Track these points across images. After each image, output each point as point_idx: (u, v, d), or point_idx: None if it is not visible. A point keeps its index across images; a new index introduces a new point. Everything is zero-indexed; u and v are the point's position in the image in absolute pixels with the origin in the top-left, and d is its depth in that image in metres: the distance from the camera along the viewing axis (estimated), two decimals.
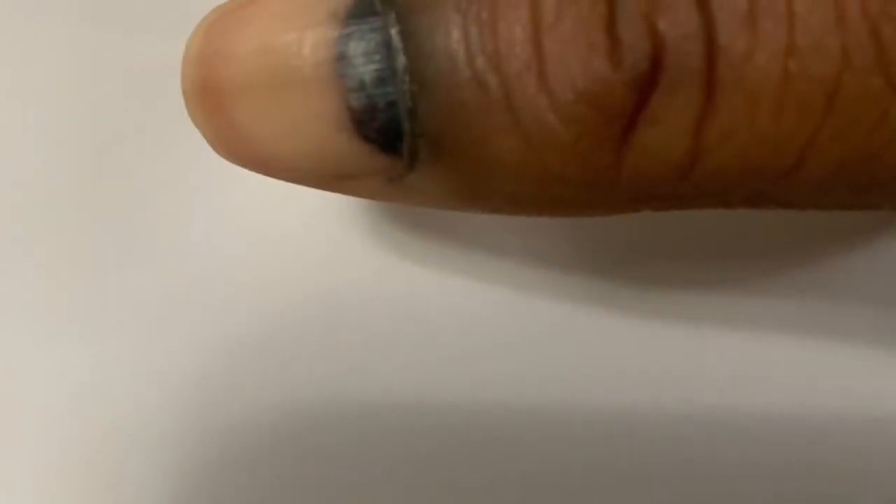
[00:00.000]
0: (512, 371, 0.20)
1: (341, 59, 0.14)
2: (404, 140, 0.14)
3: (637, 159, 0.14)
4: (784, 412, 0.20)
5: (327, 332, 0.21)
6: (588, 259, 0.21)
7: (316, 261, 0.21)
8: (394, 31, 0.14)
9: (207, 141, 0.16)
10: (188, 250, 0.21)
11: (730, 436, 0.20)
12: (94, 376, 0.21)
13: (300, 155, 0.15)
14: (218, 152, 0.16)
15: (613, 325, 0.20)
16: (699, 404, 0.20)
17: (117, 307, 0.21)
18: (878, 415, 0.20)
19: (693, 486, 0.20)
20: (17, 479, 0.20)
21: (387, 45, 0.14)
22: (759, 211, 0.15)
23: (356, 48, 0.14)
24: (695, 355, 0.20)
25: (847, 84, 0.13)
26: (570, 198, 0.15)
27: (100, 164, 0.21)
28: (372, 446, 0.20)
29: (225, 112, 0.15)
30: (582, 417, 0.20)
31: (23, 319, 0.21)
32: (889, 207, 0.15)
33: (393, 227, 0.21)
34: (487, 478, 0.20)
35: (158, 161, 0.21)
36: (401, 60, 0.14)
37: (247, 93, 0.15)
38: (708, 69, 0.13)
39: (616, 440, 0.20)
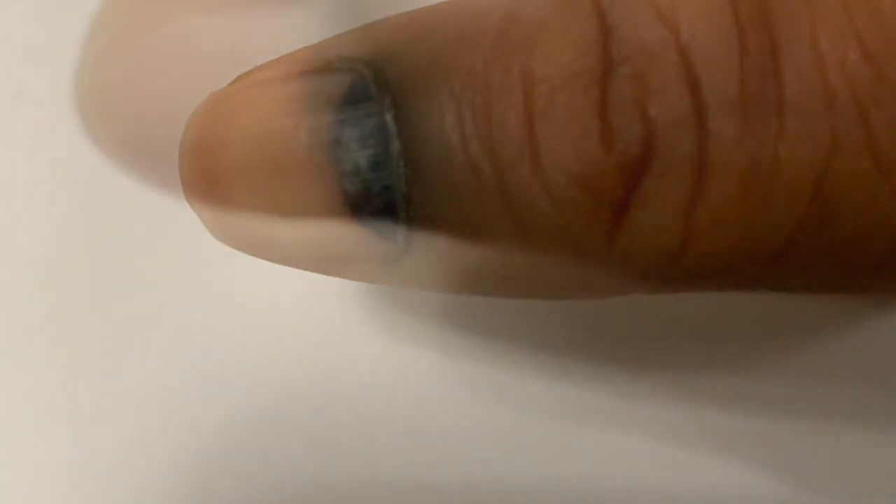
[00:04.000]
0: (507, 451, 0.20)
1: (337, 144, 0.14)
2: (399, 224, 0.14)
3: (628, 242, 0.14)
4: (777, 493, 0.20)
5: (325, 413, 0.20)
6: (580, 341, 0.20)
7: (313, 342, 0.21)
8: (389, 117, 0.14)
9: (205, 225, 0.16)
10: (186, 332, 0.21)
11: None
12: (93, 460, 0.20)
13: (296, 239, 0.15)
14: (215, 236, 0.16)
15: (606, 406, 0.20)
16: (691, 485, 0.20)
17: (116, 390, 0.21)
18: (872, 496, 0.20)
19: None
20: None
21: (382, 130, 0.14)
22: (750, 293, 0.15)
23: (351, 133, 0.14)
24: (687, 436, 0.20)
25: (836, 168, 0.13)
26: (563, 281, 0.15)
27: (98, 248, 0.21)
28: None
29: (222, 196, 0.15)
30: (576, 497, 0.20)
31: (22, 405, 0.21)
32: (879, 290, 0.15)
33: (389, 308, 0.21)
34: None
35: (156, 245, 0.21)
36: (395, 145, 0.14)
37: (243, 177, 0.15)
38: (698, 154, 0.13)
39: None
